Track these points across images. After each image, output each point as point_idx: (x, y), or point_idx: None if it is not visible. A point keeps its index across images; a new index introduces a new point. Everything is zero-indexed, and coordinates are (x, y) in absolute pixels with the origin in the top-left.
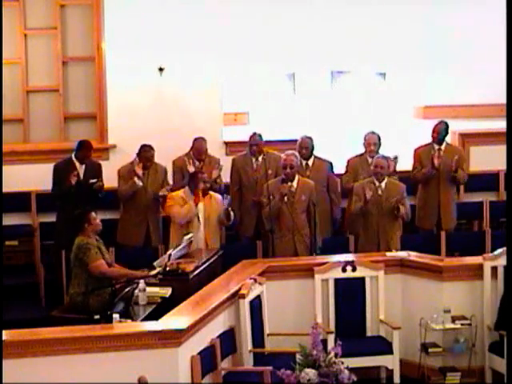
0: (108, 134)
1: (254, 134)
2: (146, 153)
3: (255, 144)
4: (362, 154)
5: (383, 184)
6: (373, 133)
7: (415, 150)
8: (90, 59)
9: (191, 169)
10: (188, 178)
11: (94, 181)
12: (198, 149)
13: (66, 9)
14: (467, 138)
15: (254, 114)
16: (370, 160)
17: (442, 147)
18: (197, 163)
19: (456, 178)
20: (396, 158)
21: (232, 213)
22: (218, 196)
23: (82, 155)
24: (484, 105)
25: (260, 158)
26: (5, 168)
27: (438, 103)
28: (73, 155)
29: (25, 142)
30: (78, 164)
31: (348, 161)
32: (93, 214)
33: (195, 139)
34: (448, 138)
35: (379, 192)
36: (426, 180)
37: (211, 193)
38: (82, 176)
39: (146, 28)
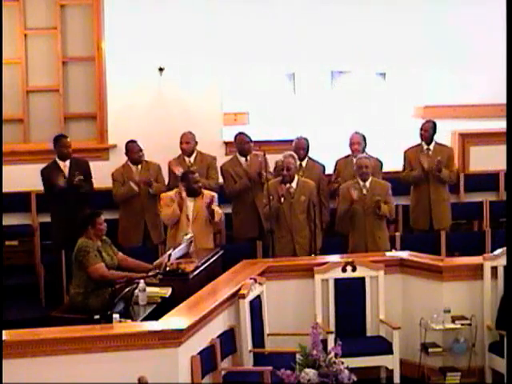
0: (108, 134)
1: (242, 133)
2: (133, 149)
3: (247, 142)
4: (348, 156)
5: (367, 183)
6: (356, 133)
7: (404, 151)
8: (90, 59)
9: (178, 171)
10: (180, 179)
11: (78, 178)
12: (186, 141)
13: (66, 9)
14: (467, 137)
15: (253, 113)
16: (354, 160)
17: (431, 147)
18: (187, 160)
19: (440, 178)
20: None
21: (218, 209)
22: (211, 194)
23: (60, 152)
24: (484, 105)
25: (248, 158)
26: (5, 168)
27: (438, 103)
28: (56, 157)
29: (25, 142)
30: (61, 163)
31: (336, 162)
32: (101, 217)
33: (181, 135)
34: (448, 138)
35: (364, 191)
36: (417, 183)
37: (204, 191)
38: (66, 174)
39: (146, 28)
